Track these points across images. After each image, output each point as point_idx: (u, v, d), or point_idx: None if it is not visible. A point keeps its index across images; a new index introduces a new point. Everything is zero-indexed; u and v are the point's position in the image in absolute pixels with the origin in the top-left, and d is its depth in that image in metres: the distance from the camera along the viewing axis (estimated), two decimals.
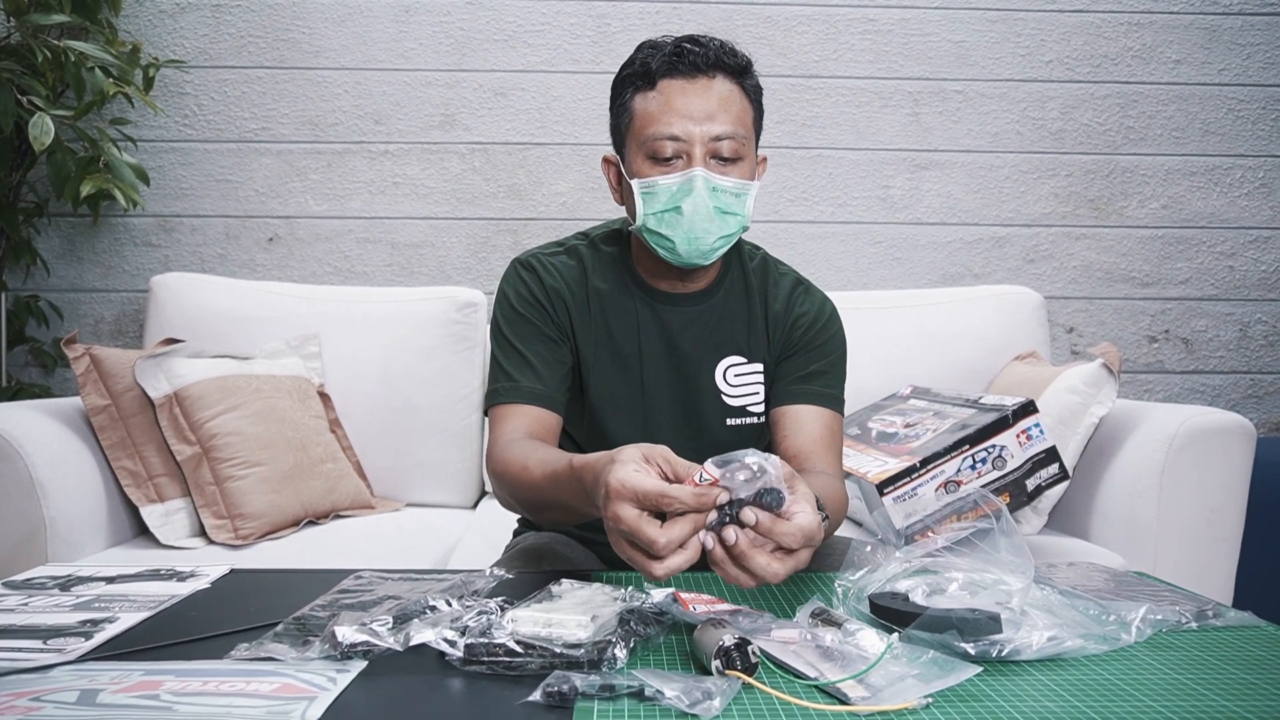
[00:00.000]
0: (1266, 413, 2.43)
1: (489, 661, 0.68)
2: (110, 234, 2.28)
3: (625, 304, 1.16)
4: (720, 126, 1.03)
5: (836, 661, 0.69)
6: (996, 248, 2.39)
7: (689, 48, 1.04)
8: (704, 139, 1.03)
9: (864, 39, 2.34)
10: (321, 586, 0.89)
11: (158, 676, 0.65)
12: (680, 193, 1.04)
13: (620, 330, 1.15)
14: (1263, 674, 0.70)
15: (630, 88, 1.07)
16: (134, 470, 1.60)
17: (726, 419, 1.18)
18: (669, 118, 1.03)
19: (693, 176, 1.03)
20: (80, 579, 0.94)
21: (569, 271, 1.17)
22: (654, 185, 1.05)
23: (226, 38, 2.27)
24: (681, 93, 1.03)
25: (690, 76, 1.04)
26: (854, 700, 0.63)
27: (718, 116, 1.03)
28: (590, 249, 1.19)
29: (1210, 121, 2.39)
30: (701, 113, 1.03)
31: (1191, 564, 1.57)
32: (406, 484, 1.98)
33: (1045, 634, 0.73)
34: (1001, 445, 1.51)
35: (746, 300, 1.19)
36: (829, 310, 1.21)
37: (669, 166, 1.04)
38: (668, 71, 1.04)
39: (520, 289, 1.15)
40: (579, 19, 2.31)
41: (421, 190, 2.32)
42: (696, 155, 1.03)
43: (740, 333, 1.18)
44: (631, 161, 1.08)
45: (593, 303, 1.15)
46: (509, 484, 1.02)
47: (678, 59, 1.04)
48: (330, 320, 1.99)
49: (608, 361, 1.15)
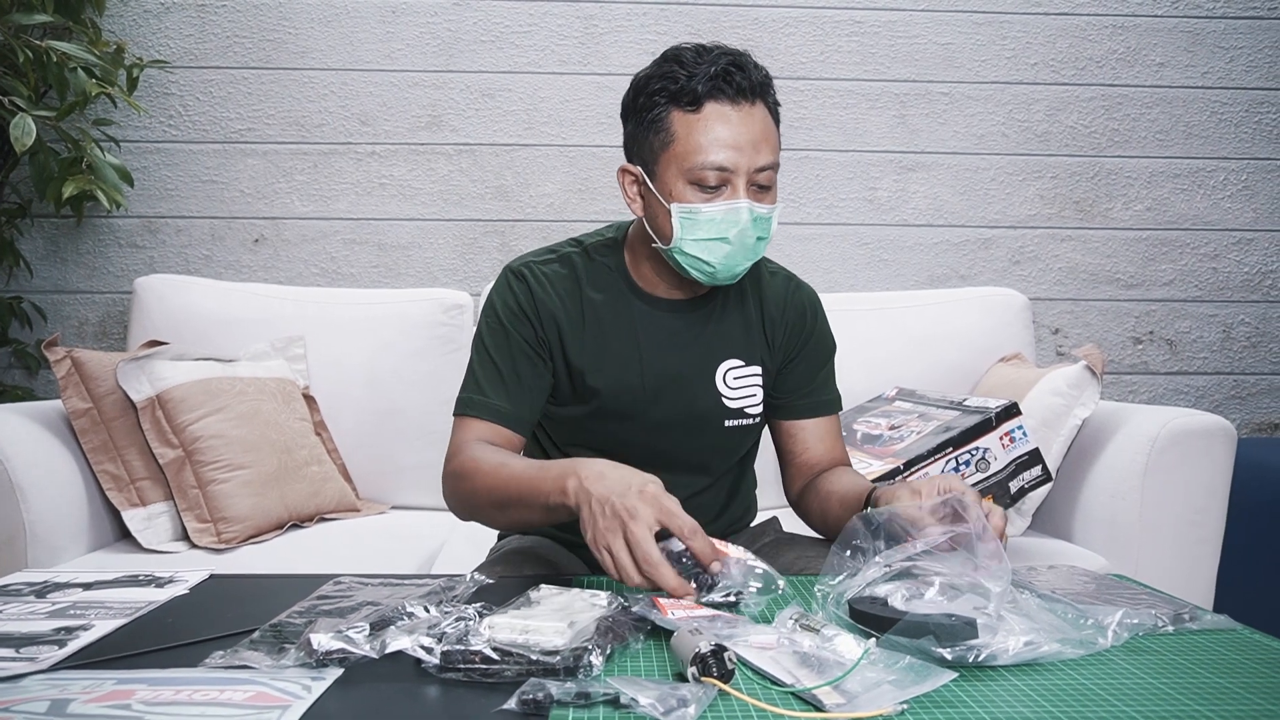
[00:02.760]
0: (1249, 413, 2.45)
1: (465, 669, 0.68)
2: (94, 235, 2.26)
3: (623, 312, 1.16)
4: (764, 157, 1.04)
5: (814, 668, 0.69)
6: (982, 249, 2.40)
7: (735, 73, 1.02)
8: (749, 170, 1.03)
9: (851, 41, 2.35)
10: (301, 592, 0.88)
11: (130, 685, 0.65)
12: (726, 223, 1.04)
13: (619, 338, 1.15)
14: (1237, 678, 0.71)
15: (668, 102, 1.04)
16: (116, 474, 1.59)
17: (725, 420, 1.19)
18: (717, 147, 1.01)
19: (739, 209, 1.03)
20: (57, 585, 0.93)
21: (561, 282, 1.16)
22: (697, 212, 1.04)
23: (212, 38, 2.26)
24: (728, 120, 1.02)
25: (735, 102, 1.02)
26: (829, 707, 0.63)
27: (761, 147, 1.03)
28: (584, 257, 1.18)
29: (1194, 124, 2.40)
30: (748, 143, 1.02)
31: (1173, 565, 1.58)
32: (392, 487, 1.98)
33: (1022, 639, 0.73)
34: (985, 448, 1.52)
35: (742, 303, 1.20)
36: (818, 304, 1.26)
37: (713, 194, 1.04)
38: (714, 95, 1.02)
39: (509, 300, 1.14)
40: (566, 20, 2.30)
41: (408, 191, 2.31)
42: (740, 186, 1.03)
43: (739, 336, 1.19)
44: (666, 179, 1.05)
45: (587, 313, 1.15)
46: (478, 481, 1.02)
47: (725, 83, 1.02)
48: (316, 322, 1.98)
49: (607, 369, 1.15)
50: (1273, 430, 2.46)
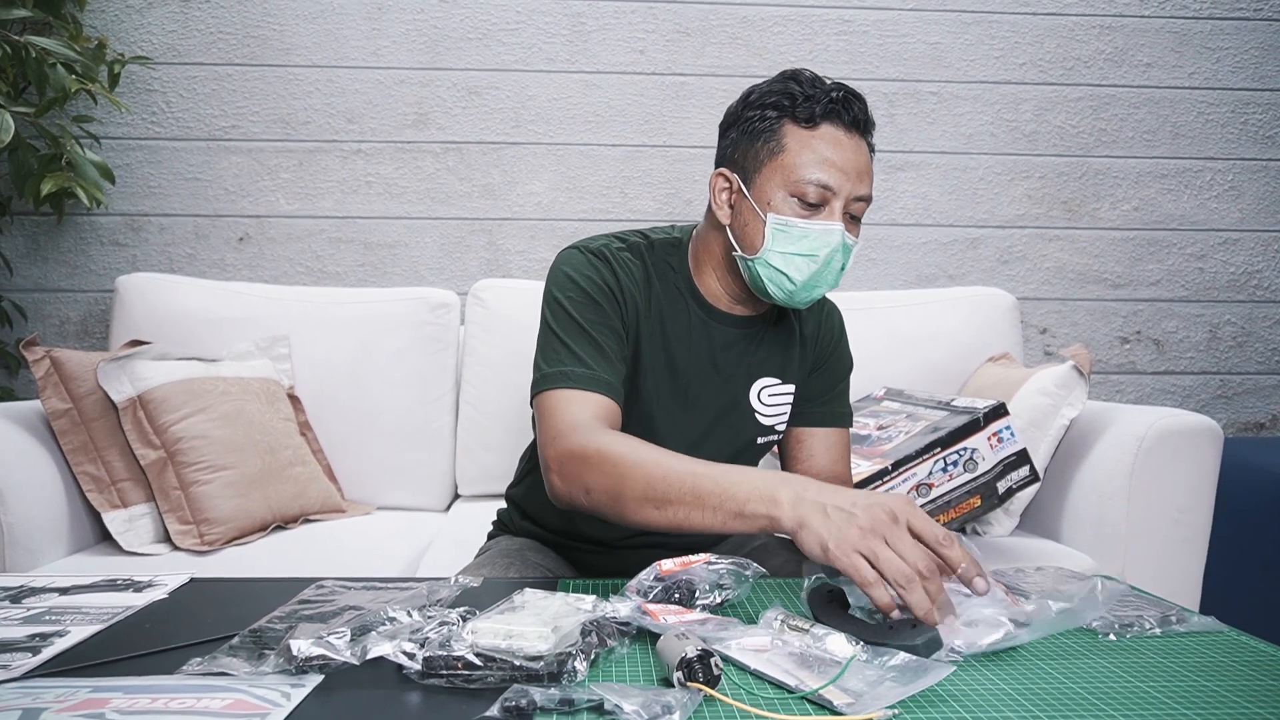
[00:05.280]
0: (1235, 413, 2.46)
1: (447, 675, 0.67)
2: (76, 233, 2.24)
3: (680, 313, 1.14)
4: (864, 187, 1.04)
5: (813, 668, 0.69)
6: (970, 249, 2.41)
7: (854, 103, 1.04)
8: (849, 196, 1.04)
9: (840, 40, 2.34)
10: (282, 596, 0.87)
11: (105, 694, 0.64)
12: (819, 242, 1.03)
13: (675, 339, 1.13)
14: (1223, 681, 0.71)
15: (783, 115, 1.04)
16: (96, 475, 1.57)
17: (758, 437, 1.19)
18: (827, 166, 1.02)
19: (833, 230, 1.03)
20: (32, 590, 0.92)
21: (636, 270, 1.13)
22: (792, 225, 1.04)
23: (195, 34, 2.23)
24: (839, 145, 1.03)
25: (849, 131, 1.04)
26: (840, 708, 0.63)
27: (864, 178, 1.04)
28: (650, 251, 1.15)
29: (1180, 124, 2.41)
30: (854, 170, 1.03)
31: (1160, 564, 1.58)
32: (378, 487, 1.96)
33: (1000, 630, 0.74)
34: (973, 448, 1.51)
35: (782, 322, 1.21)
36: (842, 320, 1.29)
37: (811, 212, 1.04)
38: (831, 117, 1.03)
39: (593, 275, 1.08)
40: (554, 18, 2.29)
41: (394, 190, 2.30)
42: (837, 210, 1.03)
43: (778, 355, 1.19)
44: (766, 189, 1.05)
45: (654, 306, 1.13)
46: (619, 468, 0.91)
47: (844, 109, 1.03)
48: (301, 321, 1.96)
49: (661, 368, 1.13)
50: (1259, 429, 2.47)
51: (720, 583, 0.84)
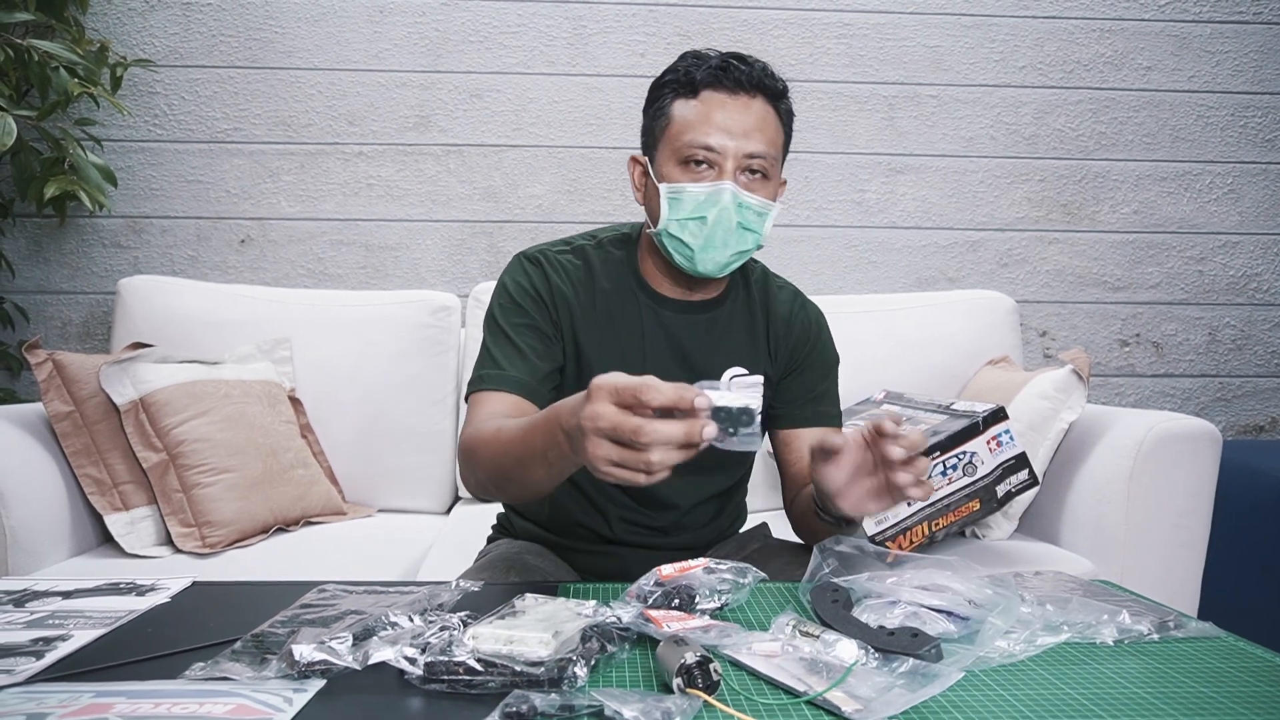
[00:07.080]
0: (1234, 416, 2.47)
1: (449, 680, 0.67)
2: (78, 235, 2.24)
3: (630, 307, 1.16)
4: (754, 145, 1.05)
5: (821, 674, 0.69)
6: (970, 252, 2.41)
7: (735, 64, 1.06)
8: (737, 155, 1.05)
9: (840, 43, 2.35)
10: (284, 600, 0.87)
11: (108, 699, 0.64)
12: (707, 203, 1.06)
13: (625, 333, 1.15)
14: (1220, 687, 0.71)
15: (670, 92, 1.09)
16: (98, 478, 1.58)
17: None
18: (707, 128, 1.05)
19: (722, 189, 1.05)
20: (36, 594, 0.92)
21: (575, 271, 1.16)
22: (681, 191, 1.06)
23: (197, 36, 2.24)
24: (722, 106, 1.05)
25: (733, 92, 1.06)
26: (850, 714, 0.63)
27: (753, 135, 1.05)
28: (597, 250, 1.19)
29: (1180, 128, 2.42)
30: (739, 129, 1.05)
31: (1159, 568, 1.59)
32: (379, 490, 1.97)
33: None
34: (972, 451, 1.52)
35: (749, 313, 1.21)
36: (823, 321, 1.27)
37: (699, 174, 1.06)
38: (711, 83, 1.06)
39: (522, 280, 1.14)
40: (555, 21, 2.29)
41: (396, 192, 2.30)
42: (728, 169, 1.05)
43: (743, 344, 1.19)
44: (661, 165, 1.09)
45: (598, 304, 1.15)
46: (480, 453, 0.96)
47: (723, 73, 1.06)
48: (302, 324, 1.97)
49: (613, 364, 1.13)
50: (1258, 432, 2.48)
51: (720, 587, 0.85)
